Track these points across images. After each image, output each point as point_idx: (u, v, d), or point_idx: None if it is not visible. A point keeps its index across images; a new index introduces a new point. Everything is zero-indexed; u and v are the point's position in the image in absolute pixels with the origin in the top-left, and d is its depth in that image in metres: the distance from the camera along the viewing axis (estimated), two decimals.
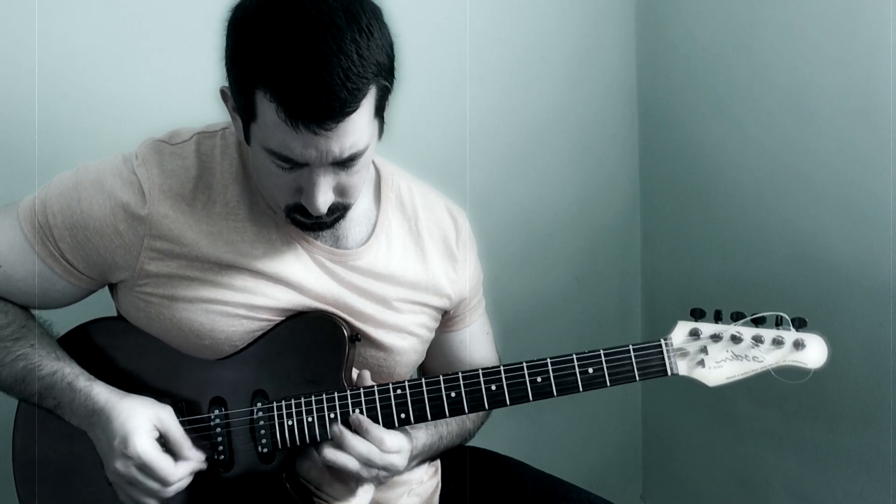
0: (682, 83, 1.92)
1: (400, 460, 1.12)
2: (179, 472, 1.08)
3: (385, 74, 0.99)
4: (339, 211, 1.09)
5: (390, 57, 1.00)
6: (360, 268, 1.19)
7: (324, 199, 1.03)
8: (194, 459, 1.10)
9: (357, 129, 0.98)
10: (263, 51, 0.94)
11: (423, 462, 1.26)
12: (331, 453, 1.09)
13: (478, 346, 1.36)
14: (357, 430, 1.10)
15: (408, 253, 1.23)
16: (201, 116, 1.22)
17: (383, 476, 1.13)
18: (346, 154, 0.99)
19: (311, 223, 1.09)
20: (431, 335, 1.29)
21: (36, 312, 1.20)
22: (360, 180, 1.07)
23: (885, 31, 1.39)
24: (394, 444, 1.11)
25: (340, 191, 1.05)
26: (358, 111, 0.96)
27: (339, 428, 1.10)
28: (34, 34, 1.47)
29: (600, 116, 2.03)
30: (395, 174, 1.26)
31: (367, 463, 1.09)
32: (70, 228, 1.11)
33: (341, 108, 0.94)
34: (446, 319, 1.31)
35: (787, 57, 1.60)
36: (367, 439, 1.09)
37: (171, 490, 1.08)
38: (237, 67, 0.98)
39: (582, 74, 1.98)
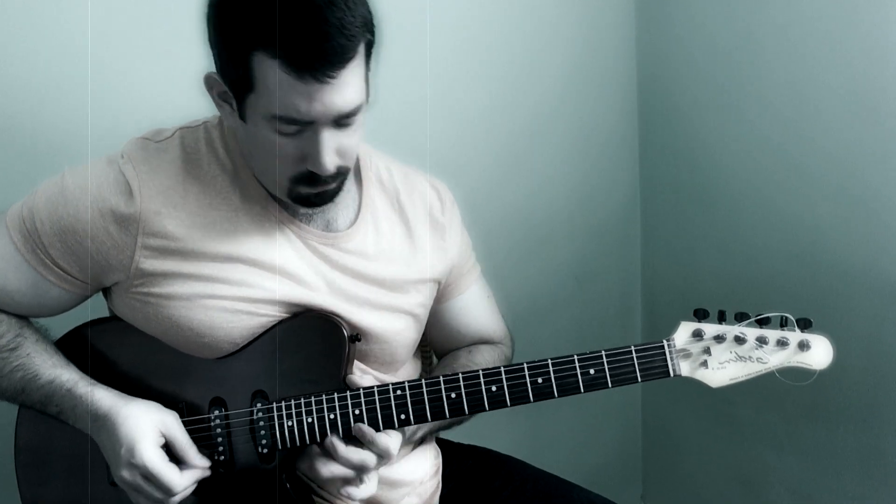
0: (682, 80, 1.92)
1: (395, 450, 1.13)
2: (184, 481, 1.08)
3: (371, 30, 1.03)
4: (340, 176, 1.10)
5: (371, 14, 1.04)
6: (352, 250, 1.19)
7: (331, 158, 1.05)
8: (199, 467, 1.10)
9: (355, 80, 1.01)
10: (256, 14, 0.97)
11: (422, 440, 1.28)
12: (326, 470, 1.10)
13: (479, 310, 1.37)
14: (360, 439, 1.10)
15: (395, 229, 1.25)
16: (198, 115, 1.21)
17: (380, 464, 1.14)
18: (348, 108, 1.02)
19: (317, 193, 1.10)
20: (426, 312, 1.29)
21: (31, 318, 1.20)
22: (356, 141, 1.09)
23: (891, 28, 1.39)
24: (396, 446, 1.12)
25: (341, 153, 1.07)
26: (355, 60, 1.00)
27: (334, 441, 1.10)
28: (51, 36, 1.47)
29: (600, 113, 2.02)
30: (371, 155, 1.28)
31: (362, 469, 1.10)
32: (59, 234, 1.11)
33: (342, 55, 0.98)
34: (442, 288, 1.32)
35: (789, 53, 1.59)
36: (372, 450, 1.10)
37: (176, 500, 1.08)
38: (230, 40, 1.01)
39: (581, 70, 1.98)
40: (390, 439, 1.11)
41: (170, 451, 1.09)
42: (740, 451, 1.87)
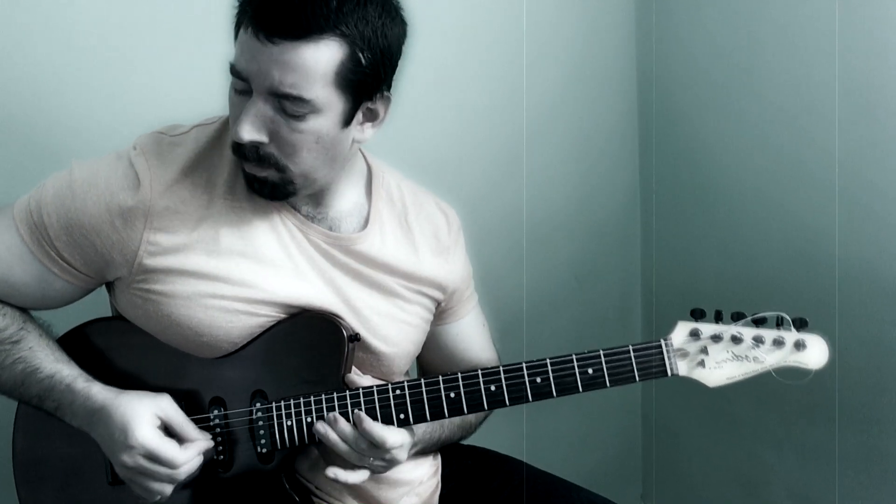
0: (682, 80, 1.92)
1: (401, 454, 1.14)
2: (186, 454, 1.08)
3: (363, 48, 1.02)
4: (268, 163, 1.07)
5: (379, 40, 1.04)
6: (356, 252, 1.19)
7: (248, 126, 1.03)
8: (200, 440, 1.11)
9: (306, 69, 1.00)
10: None
11: (424, 451, 1.27)
12: (322, 427, 1.11)
13: (474, 337, 1.37)
14: (357, 425, 1.10)
15: (400, 246, 1.24)
16: (204, 114, 1.21)
17: (381, 467, 1.14)
18: (286, 88, 1.00)
19: (249, 172, 1.09)
20: (427, 327, 1.29)
21: (35, 313, 1.20)
22: (301, 142, 1.06)
23: (890, 28, 1.39)
24: (396, 441, 1.12)
25: (276, 141, 1.05)
26: (309, 47, 0.99)
27: (334, 415, 1.11)
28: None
29: (600, 113, 2.02)
30: (385, 172, 1.28)
31: (354, 447, 1.11)
32: (66, 227, 1.11)
33: (290, 29, 0.98)
34: (440, 312, 1.32)
35: (789, 52, 1.60)
36: (368, 439, 1.10)
37: (182, 472, 1.08)
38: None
39: (581, 70, 1.98)
40: (388, 431, 1.11)
41: (169, 433, 1.09)
42: (740, 451, 1.87)
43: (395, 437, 1.11)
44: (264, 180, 1.09)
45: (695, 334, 1.10)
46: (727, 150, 1.80)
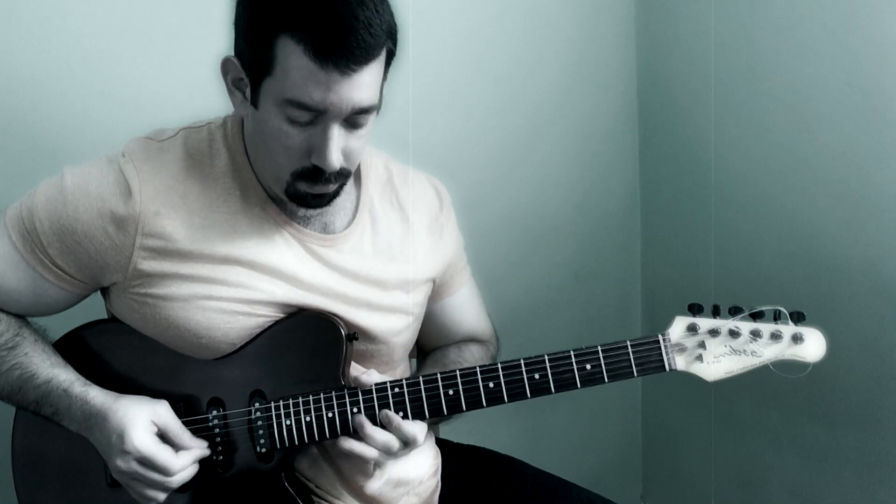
0: (682, 78, 1.92)
1: (422, 438, 1.14)
2: (181, 461, 1.08)
3: (394, 39, 1.04)
4: (340, 179, 1.10)
5: (396, 26, 1.05)
6: (350, 250, 1.19)
7: (336, 155, 1.05)
8: (196, 448, 1.11)
9: (373, 81, 1.02)
10: None
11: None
12: (348, 443, 1.10)
13: (469, 310, 1.38)
14: (386, 427, 1.11)
15: (393, 228, 1.25)
16: (201, 114, 1.22)
17: (403, 453, 1.15)
18: (364, 104, 1.02)
19: (315, 194, 1.10)
20: (423, 311, 1.30)
21: (30, 318, 1.20)
22: (362, 146, 1.09)
23: (892, 26, 1.39)
24: (422, 433, 1.13)
25: (346, 154, 1.07)
26: (376, 62, 1.01)
27: (361, 419, 1.11)
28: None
29: (600, 111, 2.02)
30: (372, 154, 1.28)
31: (386, 451, 1.11)
32: (58, 234, 1.11)
33: (366, 52, 0.99)
34: (436, 287, 1.32)
35: (789, 51, 1.59)
36: (398, 436, 1.11)
37: (176, 480, 1.08)
38: (258, 20, 1.01)
39: (581, 69, 1.98)
40: (416, 426, 1.12)
41: (165, 440, 1.10)
42: (740, 451, 1.86)
43: (422, 429, 1.13)
44: (324, 194, 1.11)
45: (692, 329, 1.10)
46: (727, 149, 1.80)
